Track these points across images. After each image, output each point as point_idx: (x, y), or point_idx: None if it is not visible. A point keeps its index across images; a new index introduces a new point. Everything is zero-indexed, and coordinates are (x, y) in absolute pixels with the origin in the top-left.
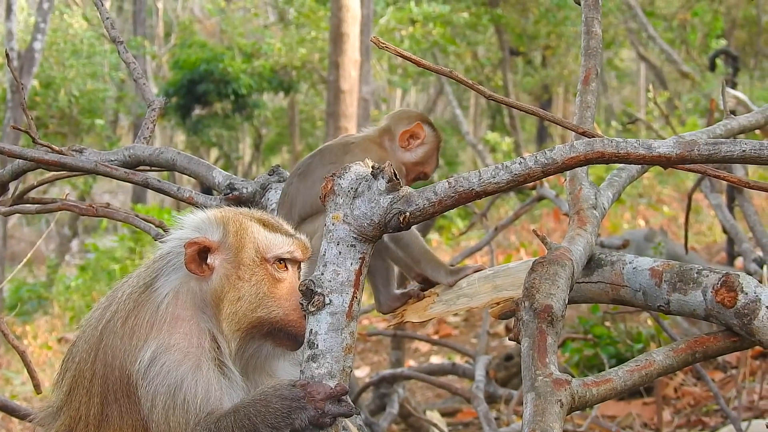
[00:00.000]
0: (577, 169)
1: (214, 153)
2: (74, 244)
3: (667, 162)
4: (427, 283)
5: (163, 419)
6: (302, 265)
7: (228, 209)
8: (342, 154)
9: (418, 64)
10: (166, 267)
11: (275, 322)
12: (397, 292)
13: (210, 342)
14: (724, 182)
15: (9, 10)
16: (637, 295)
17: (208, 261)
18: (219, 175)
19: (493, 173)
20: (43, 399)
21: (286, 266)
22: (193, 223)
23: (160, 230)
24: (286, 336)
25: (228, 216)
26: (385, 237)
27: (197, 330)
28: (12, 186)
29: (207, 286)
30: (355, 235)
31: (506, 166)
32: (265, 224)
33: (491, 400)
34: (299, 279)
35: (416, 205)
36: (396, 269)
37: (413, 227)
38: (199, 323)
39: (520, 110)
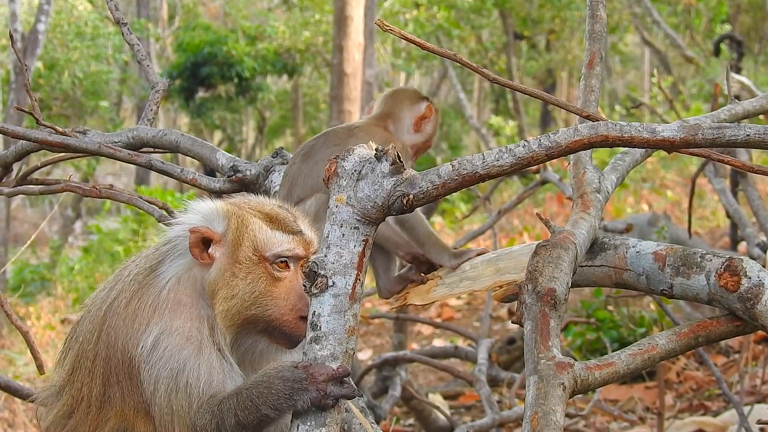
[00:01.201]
0: (581, 152)
1: (218, 136)
2: (77, 226)
3: (671, 146)
4: (419, 265)
5: (166, 402)
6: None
7: (237, 202)
8: (346, 137)
9: (422, 47)
10: (171, 251)
11: (270, 321)
12: (398, 275)
13: (209, 330)
14: (728, 167)
15: None
16: (640, 279)
17: (210, 251)
18: (222, 157)
19: (497, 156)
20: (46, 379)
21: (287, 265)
22: (201, 211)
23: (164, 212)
24: (282, 335)
25: (232, 210)
26: (390, 219)
27: (198, 316)
28: (15, 167)
29: (207, 275)
30: (358, 218)
31: (510, 149)
32: (270, 220)
33: (494, 383)
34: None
35: (420, 187)
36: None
37: (418, 210)
38: (200, 310)
39: (524, 94)
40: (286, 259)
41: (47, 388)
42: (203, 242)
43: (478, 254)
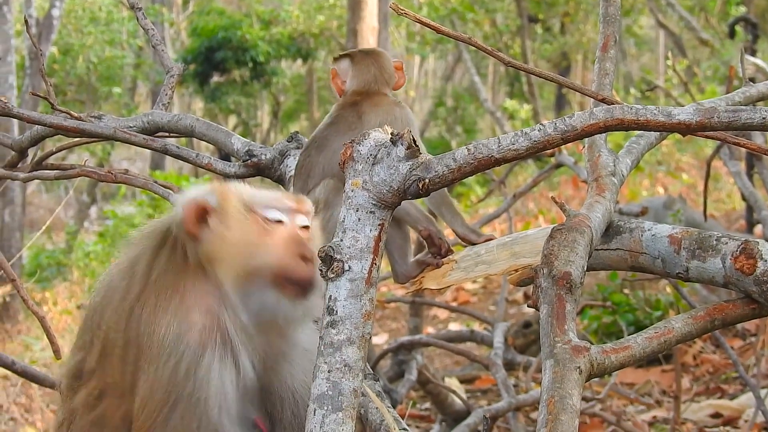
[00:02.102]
0: (595, 136)
1: (233, 120)
2: (93, 211)
3: (686, 129)
4: (432, 245)
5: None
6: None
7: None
8: (356, 119)
9: (437, 30)
10: (167, 232)
11: (272, 268)
12: (414, 260)
13: (219, 321)
14: (744, 149)
15: None
16: (656, 262)
17: (208, 223)
18: (237, 142)
19: (513, 140)
20: (62, 365)
21: (279, 218)
22: (193, 191)
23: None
24: (289, 282)
25: (218, 186)
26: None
27: (211, 308)
28: (31, 152)
29: (204, 245)
30: (374, 202)
31: (526, 133)
32: (257, 187)
33: (510, 367)
34: (304, 232)
35: (435, 171)
36: (412, 237)
37: (444, 189)
38: (213, 297)
39: (539, 77)
40: (276, 210)
41: (70, 370)
42: (198, 216)
43: (488, 239)
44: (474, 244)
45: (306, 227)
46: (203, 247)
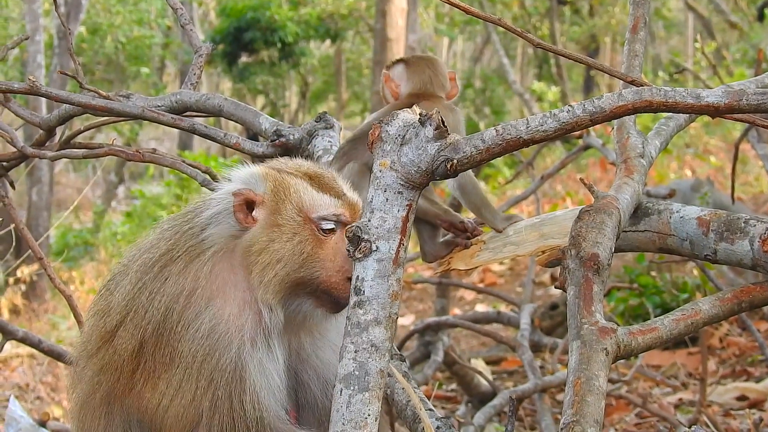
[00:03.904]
0: (624, 117)
1: (261, 101)
2: (120, 191)
3: (715, 111)
4: (456, 233)
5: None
6: None
7: (275, 165)
8: None
9: (466, 11)
10: (214, 218)
11: (318, 284)
12: (442, 240)
13: (255, 314)
14: None
15: None
16: (684, 244)
17: (254, 214)
18: (266, 122)
19: (541, 121)
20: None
21: (333, 227)
22: (242, 175)
23: (207, 176)
24: (328, 298)
25: (272, 173)
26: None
27: (246, 299)
28: (59, 131)
29: (247, 238)
30: (402, 182)
31: (554, 114)
32: (315, 181)
33: (536, 348)
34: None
35: (464, 152)
36: None
37: (470, 172)
38: (248, 289)
39: (568, 59)
40: (332, 222)
41: (87, 340)
42: (246, 206)
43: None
44: (500, 231)
45: None
46: (247, 237)
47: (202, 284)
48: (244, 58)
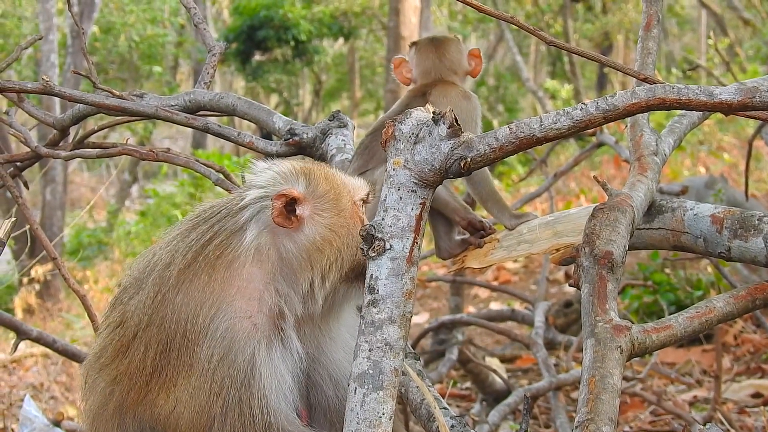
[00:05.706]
0: (638, 115)
1: (274, 99)
2: (134, 190)
3: (728, 109)
4: (473, 232)
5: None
6: None
7: (303, 161)
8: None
9: (479, 9)
10: (250, 223)
11: (365, 264)
12: (458, 238)
13: (274, 312)
14: None
15: None
16: (698, 241)
17: (297, 213)
18: (279, 120)
19: (555, 119)
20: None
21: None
22: (277, 173)
23: (221, 175)
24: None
25: (308, 166)
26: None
27: (270, 304)
28: (72, 131)
29: (297, 238)
30: (415, 181)
31: (567, 112)
32: (330, 168)
33: (550, 346)
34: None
35: (477, 150)
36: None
37: (485, 168)
38: (273, 294)
39: (581, 56)
40: (363, 202)
41: (102, 346)
42: (288, 206)
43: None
44: (511, 230)
45: None
46: (297, 237)
47: (229, 292)
48: (257, 57)
